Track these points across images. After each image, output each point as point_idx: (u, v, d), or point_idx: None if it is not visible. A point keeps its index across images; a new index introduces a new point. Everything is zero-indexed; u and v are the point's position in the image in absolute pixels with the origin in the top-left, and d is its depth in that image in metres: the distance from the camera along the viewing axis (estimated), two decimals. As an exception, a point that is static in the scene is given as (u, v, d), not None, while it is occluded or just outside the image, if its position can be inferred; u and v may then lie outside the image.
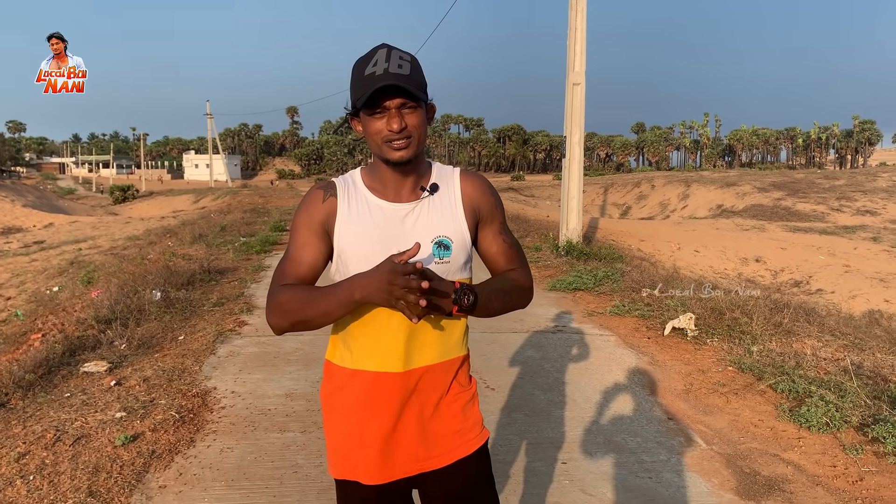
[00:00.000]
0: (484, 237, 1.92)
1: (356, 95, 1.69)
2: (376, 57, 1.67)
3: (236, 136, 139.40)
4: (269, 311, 1.78)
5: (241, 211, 25.03)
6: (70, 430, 4.25)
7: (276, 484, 3.68)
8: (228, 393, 5.08)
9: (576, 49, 12.00)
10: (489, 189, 1.92)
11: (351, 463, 1.84)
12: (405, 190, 1.81)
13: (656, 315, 7.41)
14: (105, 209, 49.73)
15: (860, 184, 35.88)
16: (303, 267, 1.80)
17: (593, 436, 4.39)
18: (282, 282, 1.79)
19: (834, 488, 3.72)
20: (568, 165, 12.42)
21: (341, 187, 1.83)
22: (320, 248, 1.80)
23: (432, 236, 1.78)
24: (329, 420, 1.90)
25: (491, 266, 1.97)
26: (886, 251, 19.40)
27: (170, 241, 15.64)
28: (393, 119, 1.67)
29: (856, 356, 5.82)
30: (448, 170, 1.91)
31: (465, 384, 1.93)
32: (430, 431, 1.84)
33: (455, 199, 1.85)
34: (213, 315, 7.56)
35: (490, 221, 1.91)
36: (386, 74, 1.64)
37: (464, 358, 1.92)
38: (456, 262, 1.81)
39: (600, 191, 43.45)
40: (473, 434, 1.90)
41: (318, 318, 1.72)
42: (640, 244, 17.67)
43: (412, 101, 1.68)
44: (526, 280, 1.93)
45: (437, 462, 1.85)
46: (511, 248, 1.95)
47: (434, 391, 1.84)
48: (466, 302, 1.71)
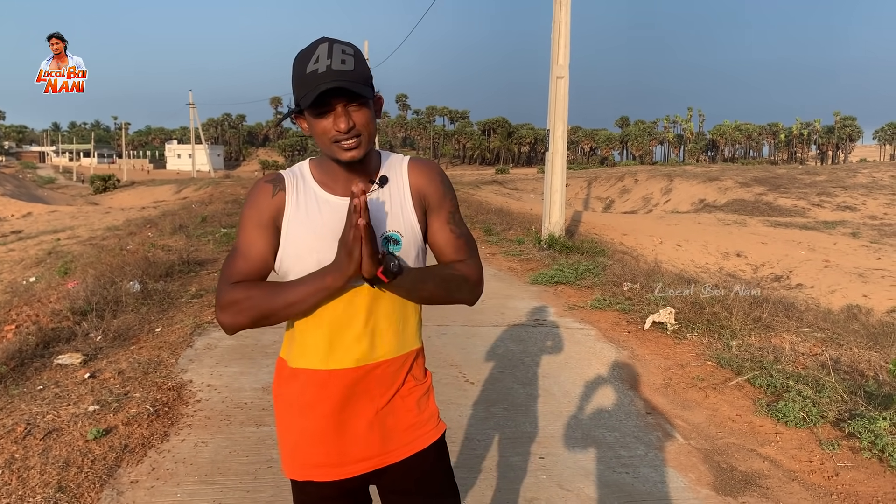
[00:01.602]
0: (431, 226, 1.85)
1: (299, 94, 1.62)
2: (317, 53, 1.60)
3: (219, 126, 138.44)
4: (221, 310, 1.71)
5: (223, 202, 24.86)
6: (41, 424, 4.17)
7: (250, 479, 3.63)
8: (204, 386, 5.02)
9: (560, 42, 11.97)
10: (438, 176, 1.85)
11: (306, 462, 1.80)
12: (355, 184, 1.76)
13: (637, 309, 7.42)
14: (85, 199, 49.22)
15: (840, 180, 36.22)
16: (251, 264, 1.74)
17: (571, 430, 4.38)
18: (232, 279, 1.73)
19: (810, 483, 3.73)
20: (551, 159, 12.41)
21: (290, 181, 1.77)
22: (270, 244, 1.74)
23: (381, 231, 1.73)
24: (281, 419, 1.85)
25: (438, 257, 1.90)
26: (865, 246, 19.59)
27: (150, 232, 15.49)
28: (340, 118, 1.61)
29: (834, 351, 5.85)
30: (398, 159, 1.85)
31: (420, 378, 1.89)
32: (386, 426, 1.81)
33: (404, 190, 1.79)
34: (192, 307, 7.48)
35: (437, 210, 1.84)
36: (329, 72, 1.57)
37: (418, 351, 1.88)
38: (407, 256, 1.76)
39: (584, 184, 43.56)
40: (429, 427, 1.87)
41: (283, 311, 1.68)
42: (623, 238, 17.72)
43: (356, 99, 1.63)
44: (471, 272, 1.85)
45: (394, 456, 1.82)
46: (459, 238, 1.87)
47: (388, 386, 1.81)
48: (392, 267, 1.64)
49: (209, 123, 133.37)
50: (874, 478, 3.74)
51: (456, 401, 4.80)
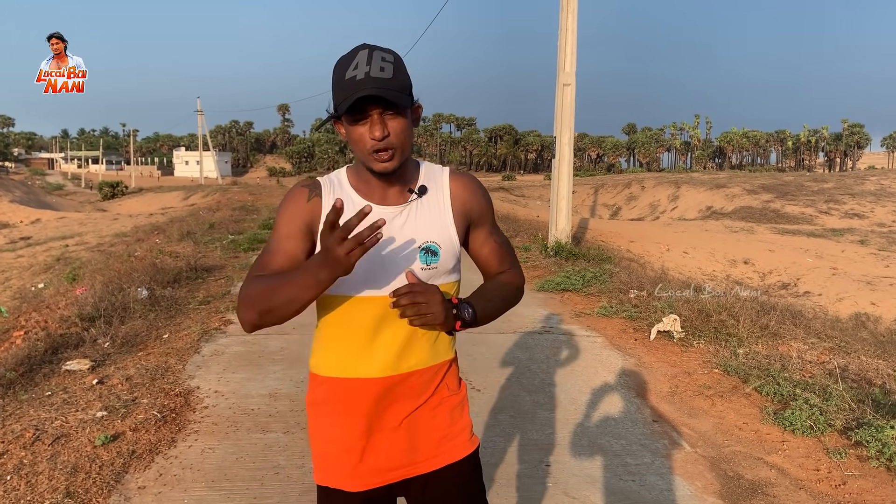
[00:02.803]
0: (475, 239, 1.87)
1: (338, 100, 1.63)
2: (357, 59, 1.60)
3: (227, 133, 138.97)
4: (238, 305, 1.68)
5: (230, 208, 24.93)
6: (50, 430, 4.20)
7: (256, 485, 3.64)
8: (212, 392, 5.04)
9: (566, 50, 11.99)
10: (480, 189, 1.86)
11: (334, 470, 1.79)
12: (392, 192, 1.74)
13: (643, 316, 7.40)
14: (93, 205, 49.45)
15: (848, 187, 36.09)
16: (280, 258, 1.70)
17: (578, 438, 4.38)
18: (255, 273, 1.69)
19: (817, 492, 3.71)
20: (557, 166, 12.42)
21: (326, 188, 1.76)
22: (300, 247, 1.72)
23: (420, 242, 1.72)
24: (313, 426, 1.85)
25: (483, 267, 1.92)
26: (874, 254, 19.51)
27: (157, 239, 15.55)
28: (375, 126, 1.61)
29: (841, 359, 5.83)
30: (437, 170, 1.84)
31: (454, 388, 1.87)
32: (416, 436, 1.79)
33: (444, 201, 1.78)
34: (199, 313, 7.51)
35: (481, 223, 1.86)
36: (367, 79, 1.57)
37: (450, 362, 1.86)
38: (443, 267, 1.76)
39: (591, 191, 43.53)
40: (462, 439, 1.84)
41: (285, 307, 1.58)
42: (630, 245, 17.70)
43: (393, 108, 1.62)
44: (518, 279, 1.92)
45: (423, 467, 1.80)
46: (502, 247, 1.91)
47: (419, 396, 1.79)
48: (468, 315, 1.69)
49: (217, 130, 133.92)
50: (882, 486, 3.73)
51: (462, 408, 4.80)
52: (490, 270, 1.92)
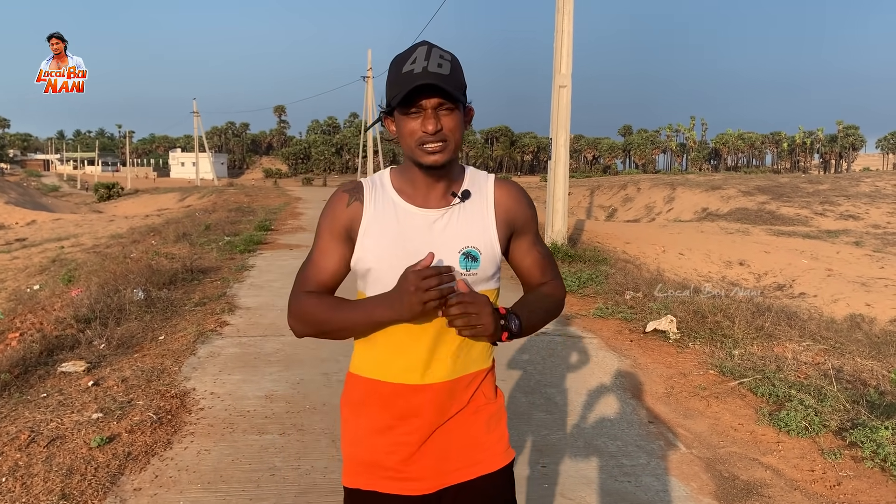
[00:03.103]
0: (518, 248, 1.85)
1: (392, 93, 1.63)
2: (415, 55, 1.61)
3: (223, 134, 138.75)
4: (289, 316, 1.77)
5: (227, 210, 24.89)
6: (45, 431, 4.19)
7: (252, 486, 3.64)
8: (207, 394, 5.04)
9: (562, 52, 12.01)
10: (525, 198, 1.84)
11: (365, 473, 1.77)
12: (435, 195, 1.74)
13: (639, 318, 7.42)
14: (89, 207, 49.35)
15: (843, 188, 36.16)
16: (325, 274, 1.78)
17: (574, 439, 4.38)
18: (304, 287, 1.77)
19: (812, 493, 3.73)
20: (553, 168, 12.43)
21: (368, 189, 1.77)
22: (343, 255, 1.76)
23: (460, 246, 1.71)
24: (346, 429, 1.84)
25: (525, 278, 1.90)
26: (868, 255, 19.55)
27: (153, 240, 15.52)
28: (428, 120, 1.61)
29: (836, 360, 5.85)
30: (482, 176, 1.83)
31: (491, 397, 1.84)
32: (451, 445, 1.77)
33: (487, 207, 1.77)
34: (195, 315, 7.50)
35: (525, 232, 1.84)
36: (424, 73, 1.58)
37: (487, 370, 1.83)
38: (483, 273, 1.74)
39: (587, 193, 43.54)
40: (498, 450, 1.81)
41: (339, 333, 1.72)
42: (626, 246, 17.71)
43: (449, 101, 1.62)
44: (560, 291, 1.90)
45: (456, 477, 1.76)
46: (545, 258, 1.89)
47: (456, 404, 1.77)
48: (515, 326, 1.68)
49: (213, 132, 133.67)
50: (876, 487, 3.74)
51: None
52: (532, 281, 1.89)
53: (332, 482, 3.70)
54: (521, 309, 1.76)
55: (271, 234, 16.20)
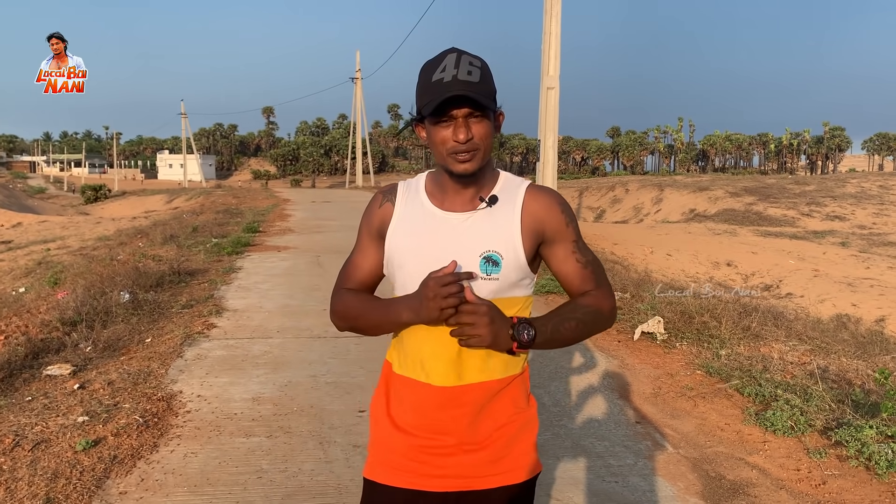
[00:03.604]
0: (554, 257, 1.80)
1: (422, 101, 1.64)
2: (445, 62, 1.62)
3: (211, 135, 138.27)
4: (332, 313, 1.87)
5: (214, 212, 24.79)
6: (30, 435, 4.16)
7: (239, 490, 3.63)
8: (194, 397, 5.01)
9: (550, 54, 12.05)
10: (559, 205, 1.79)
11: (384, 465, 1.78)
12: (463, 199, 1.75)
13: (627, 318, 7.44)
14: (76, 209, 49.07)
15: (830, 189, 36.44)
16: (362, 272, 1.87)
17: (561, 440, 4.39)
18: (344, 284, 1.87)
19: (797, 492, 3.75)
20: (542, 169, 12.47)
21: (402, 191, 1.83)
22: (378, 254, 1.84)
23: (481, 250, 1.69)
24: (373, 418, 1.87)
25: (565, 286, 1.86)
26: (854, 256, 19.70)
27: (140, 242, 15.45)
28: (459, 129, 1.62)
29: (822, 360, 5.89)
30: (516, 182, 1.81)
31: (523, 406, 1.81)
32: (476, 451, 1.75)
33: (514, 213, 1.74)
34: (182, 317, 7.47)
35: (560, 240, 1.79)
36: (454, 82, 1.59)
37: (518, 377, 1.80)
38: (506, 280, 1.70)
39: (575, 194, 43.68)
40: (525, 461, 1.79)
41: (371, 330, 1.81)
42: (614, 247, 17.77)
43: (479, 110, 1.63)
44: (604, 302, 1.82)
45: (477, 483, 1.74)
46: (586, 267, 1.82)
47: (483, 410, 1.75)
48: (526, 337, 1.65)
49: (201, 133, 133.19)
50: (861, 486, 3.77)
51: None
52: (571, 290, 1.84)
53: (320, 484, 3.69)
54: (548, 319, 1.72)
55: (259, 236, 16.15)
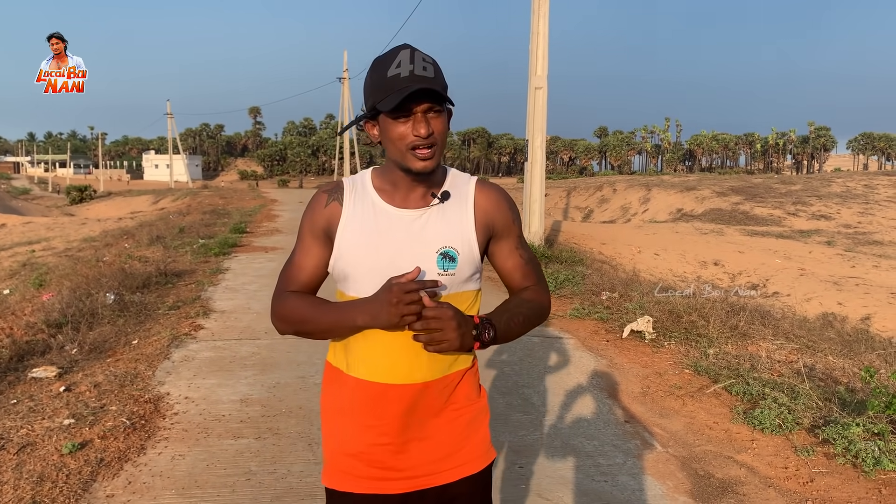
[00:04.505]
0: (499, 252, 1.84)
1: (378, 97, 1.62)
2: (399, 58, 1.61)
3: (197, 136, 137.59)
4: (272, 315, 1.81)
5: (201, 212, 24.67)
6: (15, 438, 4.12)
7: (227, 492, 3.60)
8: (182, 399, 4.98)
9: (538, 54, 12.06)
10: (506, 202, 1.83)
11: (346, 472, 1.77)
12: (415, 195, 1.74)
13: (615, 318, 7.46)
14: (61, 210, 48.69)
15: (815, 189, 36.67)
16: (305, 273, 1.81)
17: (551, 439, 4.39)
18: (286, 287, 1.80)
19: (785, 489, 3.77)
20: (530, 169, 12.47)
21: (348, 189, 1.79)
22: (322, 255, 1.79)
23: (438, 246, 1.70)
24: (326, 426, 1.84)
25: (507, 282, 1.89)
26: (840, 255, 19.84)
27: (126, 243, 15.34)
28: (420, 124, 1.61)
29: (809, 359, 5.93)
30: (464, 178, 1.82)
31: (473, 397, 1.84)
32: (433, 447, 1.76)
33: (467, 209, 1.76)
34: (169, 319, 7.42)
35: (506, 236, 1.83)
36: (413, 77, 1.58)
37: (468, 370, 1.83)
38: (461, 274, 1.73)
39: (563, 194, 43.76)
40: (480, 451, 1.82)
41: (320, 334, 1.76)
42: (602, 247, 17.82)
43: (438, 105, 1.63)
44: (543, 297, 1.87)
45: (439, 479, 1.76)
46: (528, 263, 1.88)
47: (437, 405, 1.76)
48: (488, 336, 1.67)
49: (187, 133, 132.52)
50: (848, 483, 3.79)
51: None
52: (513, 285, 1.88)
53: (309, 485, 3.68)
54: (500, 315, 1.75)
55: (246, 237, 16.08)
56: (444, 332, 1.61)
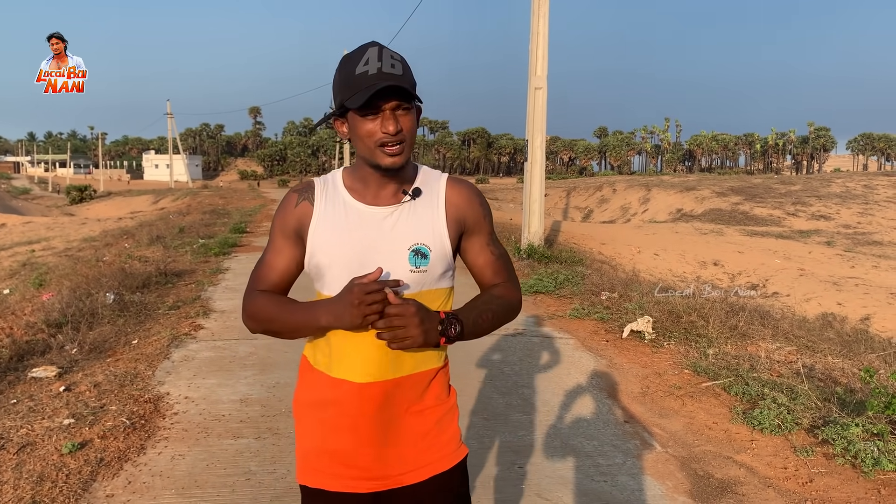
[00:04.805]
0: (470, 248, 1.85)
1: (346, 94, 1.62)
2: (367, 55, 1.60)
3: (197, 136, 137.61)
4: (243, 313, 1.82)
5: (201, 212, 24.69)
6: (15, 438, 4.12)
7: (227, 491, 3.61)
8: (182, 398, 4.98)
9: (538, 54, 12.06)
10: (477, 198, 1.84)
11: (317, 469, 1.77)
12: (386, 193, 1.74)
13: (615, 318, 7.46)
14: (61, 210, 48.70)
15: (815, 189, 36.68)
16: (276, 273, 1.80)
17: (550, 439, 4.40)
18: (257, 286, 1.80)
19: (785, 490, 3.77)
20: (530, 169, 12.47)
21: (319, 188, 1.78)
22: (293, 255, 1.78)
23: (409, 243, 1.71)
24: (299, 423, 1.84)
25: (477, 278, 1.90)
26: (839, 255, 19.85)
27: (126, 243, 15.35)
28: (388, 121, 1.61)
29: (808, 359, 5.93)
30: (435, 175, 1.82)
31: (443, 396, 1.84)
32: (404, 446, 1.77)
33: (438, 206, 1.77)
34: (169, 318, 7.42)
35: (477, 232, 1.84)
36: (381, 74, 1.58)
37: (439, 369, 1.83)
38: (433, 271, 1.73)
39: (563, 194, 43.77)
40: (450, 449, 1.82)
41: (287, 333, 1.76)
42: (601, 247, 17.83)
43: (407, 102, 1.63)
44: (514, 293, 1.88)
45: (410, 478, 1.77)
46: (499, 259, 1.88)
47: (406, 403, 1.77)
48: (454, 332, 1.67)
49: (187, 133, 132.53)
50: (847, 483, 3.79)
51: (435, 411, 4.80)
52: (484, 282, 1.89)
53: (309, 486, 3.67)
54: (468, 311, 1.75)
55: (246, 237, 16.09)
56: (406, 328, 1.60)
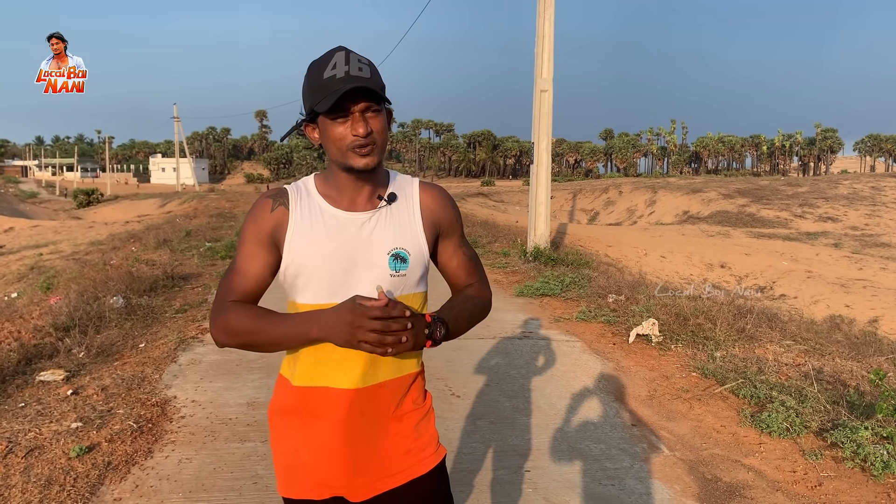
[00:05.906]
0: (444, 251, 1.88)
1: (315, 99, 1.62)
2: (334, 59, 1.61)
3: (204, 139, 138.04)
4: (213, 327, 1.70)
5: (208, 215, 24.75)
6: (23, 442, 4.13)
7: (234, 495, 3.61)
8: (189, 402, 4.99)
9: (543, 56, 12.06)
10: (449, 202, 1.87)
11: (299, 480, 1.77)
12: (361, 198, 1.73)
13: (622, 321, 7.45)
14: (68, 213, 48.91)
15: (822, 191, 36.58)
16: (248, 282, 1.73)
17: (557, 443, 4.38)
18: (229, 297, 1.72)
19: (793, 493, 3.75)
20: (536, 171, 12.47)
21: (293, 195, 1.75)
22: (267, 261, 1.73)
23: (389, 248, 1.71)
24: (276, 436, 1.82)
25: (451, 280, 1.93)
26: (847, 257, 19.78)
27: (133, 247, 15.39)
28: (358, 123, 1.61)
29: (816, 361, 5.90)
30: (406, 179, 1.84)
31: (420, 401, 1.85)
32: (383, 451, 1.77)
33: (414, 210, 1.78)
34: (176, 322, 7.44)
35: (450, 235, 1.87)
36: (348, 77, 1.58)
37: (416, 374, 1.84)
38: (412, 275, 1.75)
39: (569, 196, 43.75)
40: (429, 452, 1.83)
41: (268, 346, 1.67)
42: (608, 250, 17.81)
43: (376, 104, 1.64)
44: (485, 293, 1.91)
45: (390, 482, 1.78)
46: (471, 260, 1.92)
47: (386, 409, 1.77)
48: (440, 334, 1.67)
49: (194, 137, 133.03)
50: (857, 487, 3.77)
51: (442, 414, 4.79)
52: (458, 283, 1.92)
53: (316, 489, 3.67)
54: (448, 313, 1.76)
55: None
56: (401, 333, 1.59)
